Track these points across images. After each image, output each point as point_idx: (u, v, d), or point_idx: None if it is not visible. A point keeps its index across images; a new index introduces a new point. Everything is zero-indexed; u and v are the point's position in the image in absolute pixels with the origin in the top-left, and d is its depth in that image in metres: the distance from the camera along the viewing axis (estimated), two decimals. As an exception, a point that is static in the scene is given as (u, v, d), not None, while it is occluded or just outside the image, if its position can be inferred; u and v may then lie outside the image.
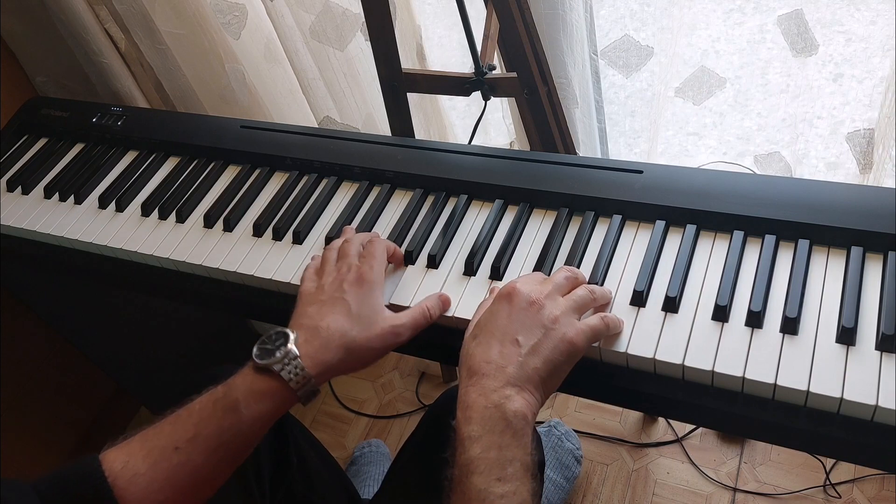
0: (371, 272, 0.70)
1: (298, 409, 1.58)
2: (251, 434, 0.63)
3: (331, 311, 0.66)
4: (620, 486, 1.28)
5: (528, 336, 0.59)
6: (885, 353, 0.59)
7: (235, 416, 0.62)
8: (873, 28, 1.22)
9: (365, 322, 0.66)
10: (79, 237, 0.91)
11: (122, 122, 1.04)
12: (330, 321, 0.66)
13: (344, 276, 0.69)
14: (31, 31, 1.18)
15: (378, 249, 0.72)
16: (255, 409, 0.62)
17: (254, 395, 0.63)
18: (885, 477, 1.20)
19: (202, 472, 0.62)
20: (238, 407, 0.62)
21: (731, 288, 0.66)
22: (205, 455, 0.61)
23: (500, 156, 0.85)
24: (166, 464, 0.61)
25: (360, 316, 0.67)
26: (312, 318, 0.66)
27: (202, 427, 0.62)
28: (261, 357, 0.64)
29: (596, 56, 1.25)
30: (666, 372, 0.64)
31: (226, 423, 0.62)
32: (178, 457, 0.61)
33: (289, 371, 0.63)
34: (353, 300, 0.67)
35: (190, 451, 0.61)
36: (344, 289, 0.68)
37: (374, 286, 0.69)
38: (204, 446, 0.61)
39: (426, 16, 1.42)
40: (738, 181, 0.74)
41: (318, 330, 0.65)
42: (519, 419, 0.56)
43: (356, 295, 0.68)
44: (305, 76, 1.30)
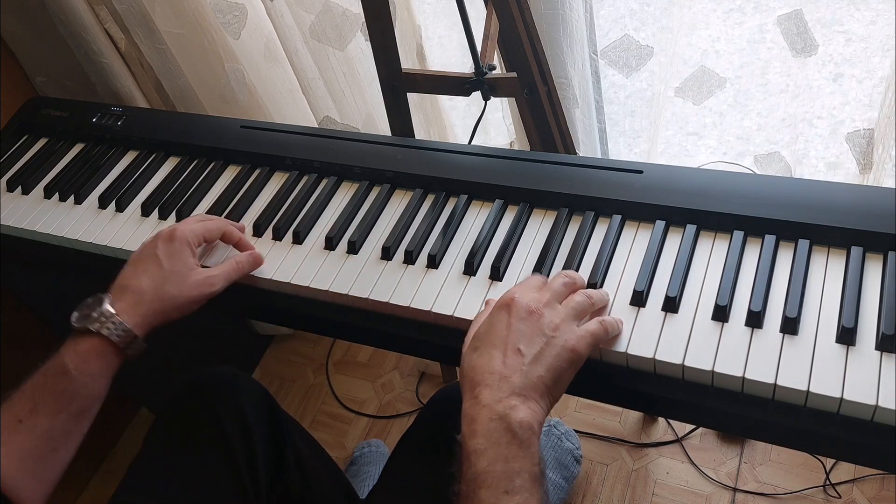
0: (184, 228, 0.77)
1: (298, 408, 1.59)
2: (89, 392, 0.68)
3: (143, 270, 0.74)
4: (620, 486, 1.28)
5: (531, 345, 0.59)
6: (885, 353, 0.59)
7: (67, 378, 0.67)
8: (873, 28, 1.22)
9: (177, 275, 0.74)
10: (79, 237, 0.91)
11: (122, 122, 1.04)
12: (142, 278, 0.73)
13: (159, 234, 0.77)
14: (31, 31, 1.18)
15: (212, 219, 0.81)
16: (86, 369, 0.68)
17: (80, 356, 0.68)
18: (885, 477, 1.20)
19: (52, 433, 0.67)
20: (67, 370, 0.67)
21: (731, 288, 0.66)
22: (49, 419, 0.66)
23: (500, 156, 0.85)
24: (15, 436, 0.65)
25: (172, 270, 0.74)
26: (125, 279, 0.74)
27: (38, 396, 0.67)
28: (78, 321, 0.70)
29: (596, 56, 1.25)
30: (666, 372, 0.64)
31: (60, 387, 0.67)
32: (24, 427, 0.66)
33: (108, 328, 0.69)
34: (163, 255, 0.75)
35: (33, 420, 0.66)
36: (156, 245, 0.76)
37: (184, 242, 0.76)
38: (45, 412, 0.66)
39: (426, 16, 1.42)
40: (738, 181, 0.74)
41: (128, 288, 0.73)
42: (524, 429, 0.55)
43: (166, 250, 0.75)
44: (305, 76, 1.30)
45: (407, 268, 0.77)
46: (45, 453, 0.66)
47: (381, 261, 0.79)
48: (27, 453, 0.65)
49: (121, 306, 0.71)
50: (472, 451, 0.55)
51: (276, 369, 1.61)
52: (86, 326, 0.69)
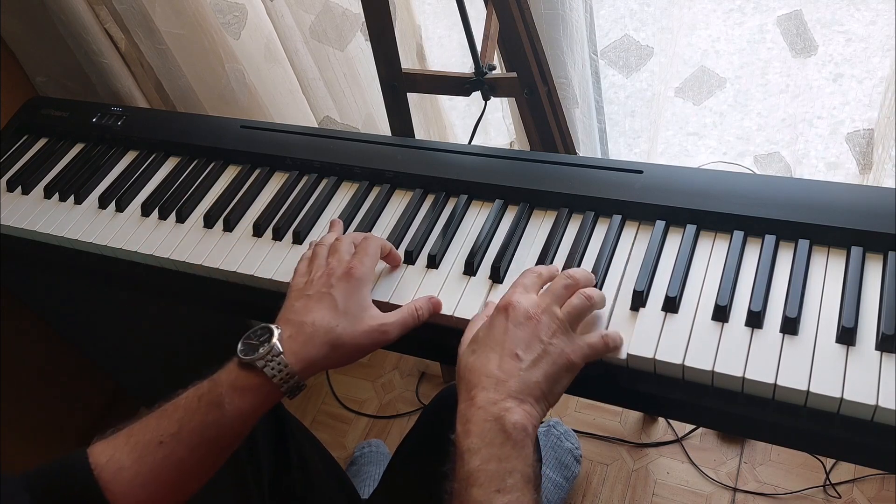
0: (361, 267, 0.69)
1: (299, 408, 1.59)
2: (235, 429, 0.63)
3: (317, 307, 0.66)
4: (620, 486, 1.28)
5: (528, 351, 0.59)
6: (885, 353, 0.59)
7: (219, 411, 0.62)
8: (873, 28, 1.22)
9: (351, 318, 0.66)
10: (79, 237, 0.91)
11: (122, 122, 1.04)
12: (315, 317, 0.66)
13: (333, 271, 0.69)
14: (31, 31, 1.18)
15: (371, 246, 0.72)
16: (239, 405, 0.63)
17: (237, 390, 0.63)
18: (885, 477, 1.20)
19: (186, 465, 0.62)
20: (222, 402, 0.62)
21: (731, 288, 0.66)
22: (189, 449, 0.62)
23: (500, 156, 0.85)
24: (150, 458, 0.61)
25: (346, 312, 0.66)
26: (298, 314, 0.66)
27: (186, 422, 0.62)
28: (245, 353, 0.64)
29: (596, 56, 1.25)
30: (666, 372, 0.64)
31: (210, 418, 0.62)
32: (163, 451, 0.62)
33: (272, 367, 0.63)
34: (339, 295, 0.67)
35: (174, 446, 0.62)
36: (332, 283, 0.68)
37: (363, 282, 0.69)
38: (188, 441, 0.62)
39: (426, 16, 1.42)
40: (738, 181, 0.74)
41: (302, 325, 0.65)
42: (518, 431, 0.55)
43: (344, 290, 0.67)
44: (305, 76, 1.30)
45: (407, 268, 0.77)
46: (172, 482, 0.63)
47: (381, 261, 0.79)
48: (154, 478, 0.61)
49: (289, 346, 0.64)
50: (466, 450, 0.55)
51: (276, 369, 1.61)
52: (251, 362, 0.63)
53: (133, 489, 0.61)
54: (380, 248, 0.73)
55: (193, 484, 0.64)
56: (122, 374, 1.41)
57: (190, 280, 0.86)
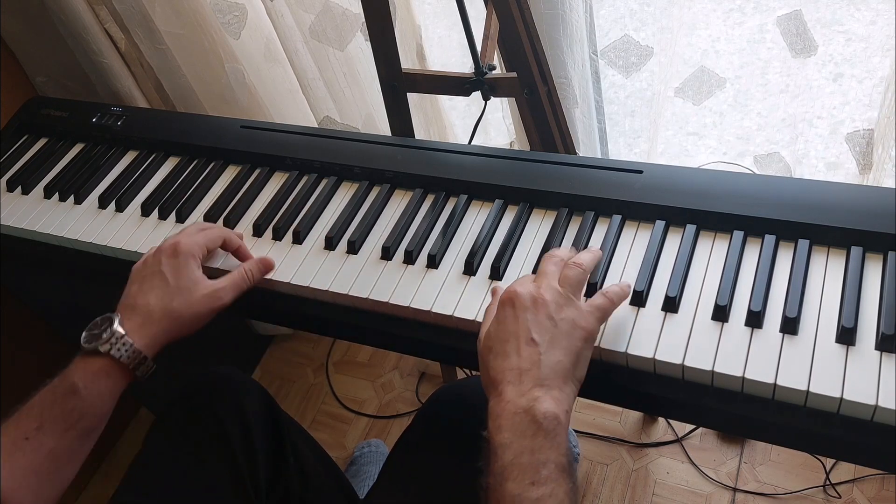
0: (185, 242, 0.75)
1: (298, 409, 1.59)
2: (97, 411, 0.68)
3: (150, 287, 0.72)
4: (620, 486, 1.28)
5: (543, 332, 0.59)
6: (885, 353, 0.59)
7: (76, 397, 0.67)
8: (873, 28, 1.22)
9: (184, 291, 0.72)
10: (79, 237, 0.91)
11: (122, 122, 1.04)
12: (149, 297, 0.72)
13: (161, 249, 0.75)
14: (31, 31, 1.18)
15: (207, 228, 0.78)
16: (95, 388, 0.68)
17: (90, 375, 0.68)
18: (885, 477, 1.20)
19: (58, 452, 0.66)
20: (77, 389, 0.67)
21: (731, 288, 0.66)
22: (56, 437, 0.66)
23: (500, 156, 0.85)
24: (20, 454, 0.65)
25: (178, 286, 0.72)
26: (134, 297, 0.73)
27: (46, 415, 0.66)
28: (88, 341, 0.69)
29: (596, 56, 1.25)
30: (666, 372, 0.64)
31: (68, 406, 0.67)
32: (31, 445, 0.65)
33: (118, 349, 0.68)
34: (168, 271, 0.73)
35: (41, 438, 0.66)
36: (160, 261, 0.74)
37: (189, 256, 0.74)
38: (51, 430, 0.66)
39: (426, 16, 1.42)
40: (738, 181, 0.74)
41: (137, 308, 0.71)
42: (550, 420, 0.55)
43: (171, 265, 0.73)
44: (305, 76, 1.30)
45: (407, 268, 0.77)
46: (50, 472, 0.66)
47: (381, 261, 0.79)
48: (31, 471, 0.65)
49: (130, 326, 0.70)
50: (499, 445, 0.55)
51: (276, 369, 1.61)
52: (96, 347, 0.68)
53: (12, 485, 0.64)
54: (220, 236, 0.79)
55: (71, 469, 0.68)
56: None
57: (190, 280, 0.86)
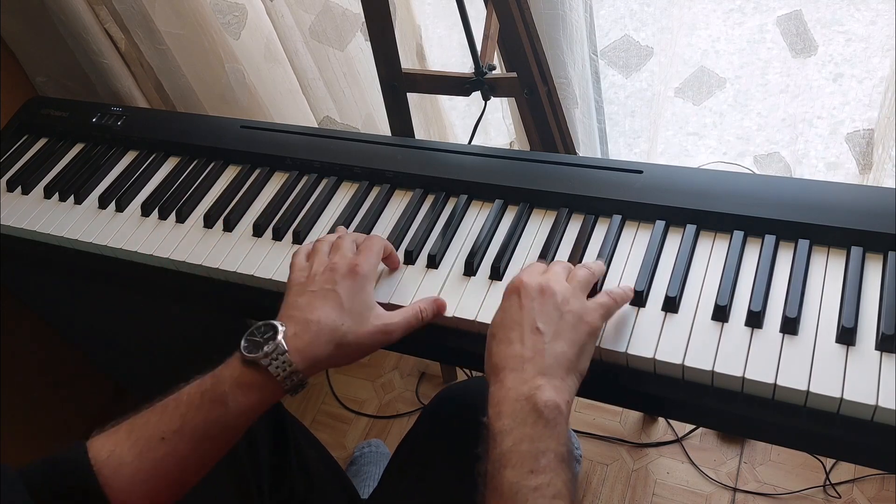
0: (366, 265, 0.68)
1: (299, 408, 1.58)
2: (237, 425, 0.63)
3: (322, 304, 0.65)
4: (620, 486, 1.28)
5: (548, 323, 0.59)
6: (885, 353, 0.59)
7: (222, 407, 0.62)
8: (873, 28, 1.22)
9: (356, 317, 0.66)
10: (79, 237, 0.91)
11: (122, 122, 1.04)
12: (321, 314, 0.65)
13: (336, 268, 0.68)
14: (31, 31, 1.18)
15: (375, 245, 0.72)
16: (242, 402, 0.62)
17: (241, 387, 0.62)
18: (885, 477, 1.20)
19: (187, 462, 0.62)
20: (225, 399, 0.62)
21: (731, 288, 0.66)
22: (190, 446, 0.62)
23: (500, 156, 0.85)
24: (152, 454, 0.61)
25: (351, 311, 0.65)
26: (303, 311, 0.65)
27: (189, 418, 0.62)
28: (249, 350, 0.63)
29: (596, 56, 1.25)
30: (666, 372, 0.64)
31: (212, 415, 0.62)
32: (164, 447, 0.61)
33: (276, 366, 0.62)
34: (344, 293, 0.66)
35: (176, 442, 0.61)
36: (336, 280, 0.67)
37: (367, 280, 0.68)
38: (190, 437, 0.61)
39: (426, 16, 1.42)
40: (738, 181, 0.74)
41: (308, 323, 0.64)
42: (551, 409, 0.55)
43: (348, 288, 0.66)
44: (305, 76, 1.30)
45: (407, 268, 0.77)
46: (172, 479, 0.62)
47: (381, 261, 0.79)
48: (155, 475, 0.61)
49: (294, 344, 0.63)
50: (498, 431, 0.55)
51: (276, 369, 1.61)
52: (255, 360, 0.62)
53: (133, 485, 0.60)
54: (383, 247, 0.73)
55: (193, 479, 0.64)
56: (122, 374, 1.41)
57: (190, 280, 0.86)
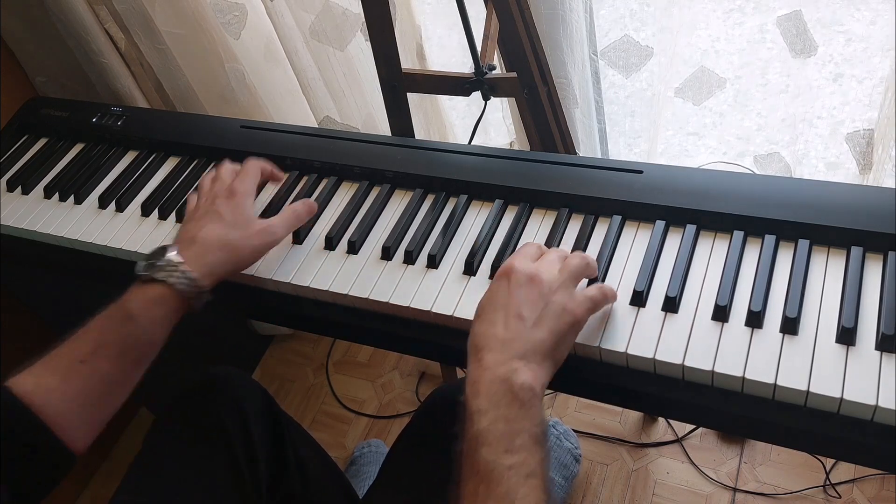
0: (241, 185, 0.78)
1: (298, 408, 1.58)
2: (151, 338, 0.69)
3: (206, 223, 0.74)
4: (620, 486, 1.28)
5: (531, 310, 0.60)
6: (885, 353, 0.59)
7: (132, 323, 0.68)
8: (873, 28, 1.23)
9: (239, 227, 0.74)
10: (79, 237, 0.91)
11: (122, 122, 1.04)
12: (206, 230, 0.73)
13: (217, 193, 0.77)
14: (31, 31, 1.18)
15: (251, 167, 0.81)
16: (151, 315, 0.68)
17: (147, 302, 0.68)
18: (885, 477, 1.20)
19: (111, 377, 0.67)
20: (133, 315, 0.68)
21: (731, 288, 0.66)
22: (110, 362, 0.67)
23: (500, 156, 0.85)
24: (75, 376, 0.66)
25: (234, 223, 0.74)
26: (189, 232, 0.74)
27: (102, 339, 0.67)
28: (145, 270, 0.70)
29: (596, 56, 1.25)
30: (666, 372, 0.64)
31: (124, 331, 0.67)
32: (86, 368, 0.66)
33: (175, 277, 0.69)
34: (225, 210, 0.75)
35: (96, 362, 0.66)
36: (216, 203, 0.76)
37: (244, 197, 0.77)
38: (106, 354, 0.67)
39: (426, 16, 1.42)
40: (738, 181, 0.74)
41: (194, 239, 0.72)
42: (526, 391, 0.56)
43: (227, 206, 0.75)
44: (305, 76, 1.30)
45: (407, 268, 0.77)
46: (101, 396, 0.67)
47: (381, 261, 0.79)
48: (83, 394, 0.66)
49: (187, 255, 0.71)
50: (475, 411, 0.56)
51: (276, 369, 1.61)
52: (152, 276, 0.69)
53: (66, 405, 0.65)
54: (259, 168, 0.82)
55: (121, 395, 0.69)
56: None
57: (190, 280, 0.86)
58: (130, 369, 0.69)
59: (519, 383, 0.56)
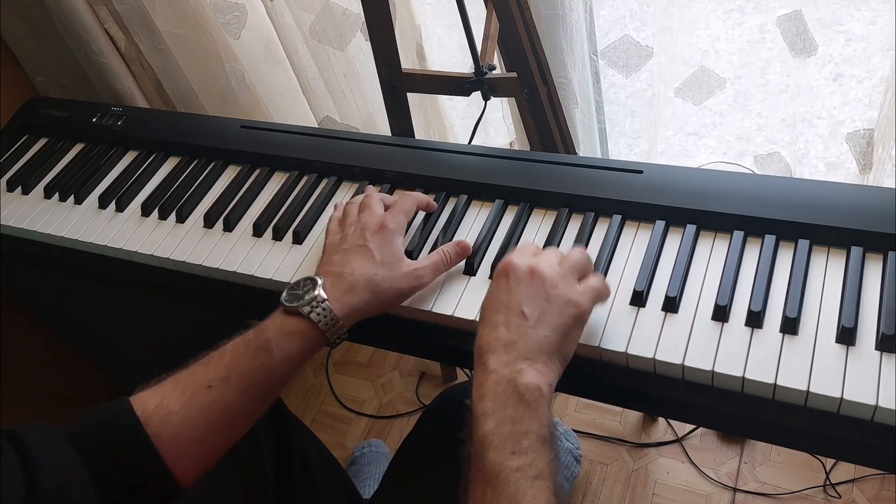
0: (393, 220, 0.73)
1: (299, 408, 1.58)
2: (282, 374, 0.65)
3: (355, 258, 0.70)
4: (620, 486, 1.28)
5: (533, 306, 0.59)
6: (885, 353, 0.59)
7: (267, 355, 0.64)
8: (873, 28, 1.22)
9: (388, 267, 0.70)
10: (79, 237, 0.91)
11: (122, 122, 1.04)
12: (354, 266, 0.69)
13: (366, 226, 0.72)
14: (31, 31, 1.18)
15: (404, 202, 0.76)
16: (286, 350, 0.65)
17: (284, 335, 0.65)
18: (885, 477, 1.20)
19: (235, 409, 0.64)
20: (269, 347, 0.65)
21: (731, 288, 0.66)
22: (237, 392, 0.63)
23: (500, 156, 0.85)
24: (200, 401, 0.62)
25: (382, 262, 0.70)
26: (337, 265, 0.70)
27: (234, 366, 0.64)
28: (290, 301, 0.67)
29: (596, 56, 1.25)
30: (666, 372, 0.64)
31: (258, 363, 0.64)
32: (212, 394, 0.63)
33: (318, 313, 0.66)
34: (375, 247, 0.71)
35: (223, 389, 0.63)
36: (366, 237, 0.71)
37: (395, 234, 0.72)
38: (237, 384, 0.63)
39: (426, 16, 1.42)
40: (738, 181, 0.74)
41: (342, 275, 0.69)
42: (532, 391, 0.55)
43: (378, 242, 0.71)
44: (305, 76, 1.30)
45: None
46: (220, 427, 0.63)
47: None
48: (203, 422, 0.62)
49: (332, 293, 0.68)
50: (480, 414, 0.55)
51: (276, 369, 1.61)
52: (297, 308, 0.66)
53: (182, 431, 0.61)
54: (416, 204, 0.78)
55: (240, 428, 0.66)
56: (122, 374, 1.41)
57: (190, 280, 0.86)
58: (255, 402, 0.65)
59: (524, 383, 0.56)
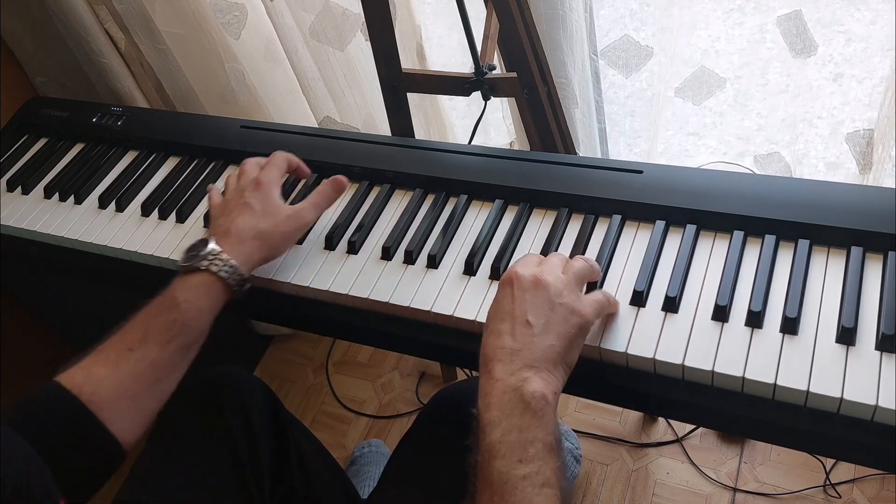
0: (266, 175, 0.79)
1: (298, 408, 1.58)
2: (198, 326, 0.71)
3: (239, 216, 0.76)
4: (620, 486, 1.28)
5: (538, 315, 0.60)
6: (885, 353, 0.59)
7: (178, 311, 0.69)
8: (873, 28, 1.23)
9: (269, 215, 0.76)
10: (79, 237, 0.91)
11: (122, 122, 1.04)
12: (239, 222, 0.75)
13: (244, 187, 0.78)
14: (31, 31, 1.18)
15: (275, 159, 0.82)
16: (196, 303, 0.70)
17: (190, 290, 0.71)
18: (885, 477, 1.20)
19: (159, 364, 0.69)
20: (178, 303, 0.70)
21: (731, 288, 0.66)
22: (158, 348, 0.68)
23: (500, 156, 0.85)
24: (125, 363, 0.67)
25: (264, 213, 0.76)
26: (222, 225, 0.76)
27: (149, 327, 0.69)
28: (187, 260, 0.72)
29: (596, 56, 1.25)
30: (666, 372, 0.64)
31: (170, 319, 0.69)
32: (135, 355, 0.68)
33: (216, 265, 0.71)
34: (253, 201, 0.77)
35: (144, 349, 0.68)
36: (245, 196, 0.77)
37: (271, 186, 0.78)
38: (155, 341, 0.68)
39: (426, 16, 1.42)
40: (738, 181, 0.74)
41: (229, 231, 0.75)
42: (538, 400, 0.56)
43: (256, 197, 0.77)
44: (305, 76, 1.30)
45: (407, 268, 0.77)
46: (151, 383, 0.68)
47: (381, 261, 0.79)
48: (133, 381, 0.67)
49: (225, 246, 0.73)
50: (487, 422, 0.56)
51: (276, 369, 1.61)
52: (195, 265, 0.71)
53: (114, 393, 0.66)
54: (286, 160, 0.82)
55: (169, 384, 0.70)
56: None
57: (190, 280, 0.86)
58: (178, 356, 0.70)
59: (530, 392, 0.56)
